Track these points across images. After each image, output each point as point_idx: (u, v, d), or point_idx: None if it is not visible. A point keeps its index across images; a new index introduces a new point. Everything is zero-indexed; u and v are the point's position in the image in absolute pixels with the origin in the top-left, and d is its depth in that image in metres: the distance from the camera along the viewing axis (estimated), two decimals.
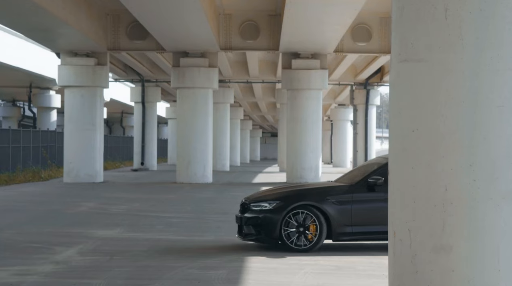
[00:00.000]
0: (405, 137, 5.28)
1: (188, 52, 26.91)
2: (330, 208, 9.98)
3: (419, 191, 5.15)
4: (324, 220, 9.93)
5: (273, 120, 71.10)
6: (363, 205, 10.08)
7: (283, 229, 9.90)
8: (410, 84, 5.27)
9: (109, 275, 8.15)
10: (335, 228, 9.95)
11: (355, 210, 10.03)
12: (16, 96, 45.52)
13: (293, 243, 9.90)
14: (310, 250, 9.88)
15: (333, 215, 9.95)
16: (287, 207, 9.94)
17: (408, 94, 5.29)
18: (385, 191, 9.67)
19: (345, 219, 9.98)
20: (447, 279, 4.98)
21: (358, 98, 39.68)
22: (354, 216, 10.00)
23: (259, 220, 10.00)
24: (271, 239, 10.01)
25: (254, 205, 10.21)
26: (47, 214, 15.21)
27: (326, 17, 21.17)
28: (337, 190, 10.27)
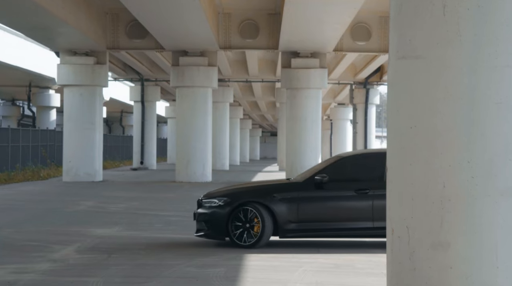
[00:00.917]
0: (403, 135, 5.26)
1: (188, 51, 26.89)
2: (276, 205, 10.09)
3: (417, 188, 5.14)
4: (270, 216, 10.04)
5: (272, 120, 71.11)
6: (309, 202, 10.17)
7: (231, 225, 10.06)
8: (408, 81, 5.25)
9: (106, 273, 8.14)
10: (280, 224, 10.05)
11: (301, 207, 10.12)
12: (15, 95, 45.50)
13: (239, 239, 10.04)
14: (254, 246, 9.99)
15: (279, 212, 10.06)
16: (233, 204, 10.10)
17: (406, 91, 5.27)
18: (332, 189, 10.07)
19: (291, 216, 10.08)
20: (445, 276, 4.96)
21: (357, 97, 39.67)
22: (300, 213, 10.09)
23: (208, 216, 10.18)
24: (219, 235, 10.17)
25: (205, 202, 10.38)
26: (46, 212, 15.19)
27: (325, 16, 21.15)
28: (285, 188, 10.40)
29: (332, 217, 10.13)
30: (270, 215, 10.05)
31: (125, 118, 63.72)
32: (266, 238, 10.05)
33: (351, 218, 10.11)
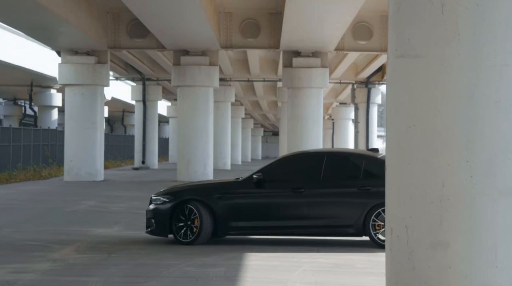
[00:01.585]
0: (402, 134, 5.24)
1: (189, 51, 26.88)
2: (215, 203, 10.28)
3: (416, 187, 5.12)
4: (209, 214, 10.22)
5: (274, 119, 71.08)
6: (247, 200, 10.35)
7: (174, 222, 10.30)
8: (406, 80, 5.23)
9: (106, 273, 8.13)
10: (220, 222, 10.26)
11: (239, 205, 10.31)
12: (17, 94, 45.54)
13: (181, 236, 10.27)
14: (193, 243, 10.19)
15: (217, 210, 10.25)
16: (175, 202, 10.32)
17: (404, 90, 5.25)
18: (269, 188, 10.23)
19: (230, 214, 10.26)
20: (444, 276, 4.95)
21: (359, 97, 39.63)
22: (238, 212, 10.27)
23: (154, 213, 10.41)
24: (163, 232, 10.40)
25: (154, 199, 10.60)
26: (46, 212, 15.19)
27: (326, 15, 21.12)
28: (226, 186, 10.60)
29: (268, 215, 10.34)
30: (209, 212, 10.23)
31: (126, 117, 63.74)
32: (204, 235, 10.24)
33: (286, 217, 10.28)
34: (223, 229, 10.30)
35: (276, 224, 10.32)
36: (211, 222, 10.23)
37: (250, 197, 10.38)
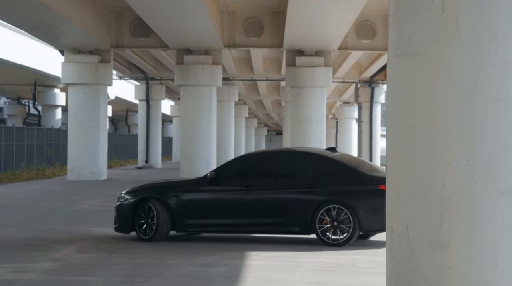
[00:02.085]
0: (402, 133, 5.21)
1: (192, 50, 26.85)
2: (172, 201, 10.51)
3: (416, 186, 5.08)
4: (166, 212, 10.44)
5: (278, 118, 71.04)
6: (201, 198, 10.58)
7: (136, 219, 10.57)
8: (407, 78, 5.20)
9: (107, 273, 8.11)
10: (176, 220, 10.48)
11: (194, 203, 10.53)
12: (21, 94, 45.58)
13: (142, 232, 10.52)
14: (152, 240, 10.41)
15: (174, 208, 10.47)
16: (136, 200, 10.62)
17: (404, 89, 5.22)
18: (222, 186, 10.57)
19: (186, 211, 10.49)
20: (444, 276, 4.91)
21: (363, 96, 39.57)
22: (193, 209, 10.51)
23: (118, 210, 10.76)
24: (126, 229, 10.69)
25: (120, 197, 10.93)
26: (49, 211, 15.18)
27: (329, 14, 21.08)
28: (183, 184, 10.88)
29: (220, 213, 10.54)
30: (166, 210, 10.44)
31: (130, 117, 63.77)
32: (161, 232, 10.45)
33: (238, 214, 10.44)
34: (180, 226, 10.54)
35: (229, 221, 10.50)
36: (168, 219, 10.45)
37: (204, 195, 10.59)
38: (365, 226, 9.96)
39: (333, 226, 9.98)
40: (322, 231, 10.03)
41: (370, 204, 9.90)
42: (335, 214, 9.96)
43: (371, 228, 10.06)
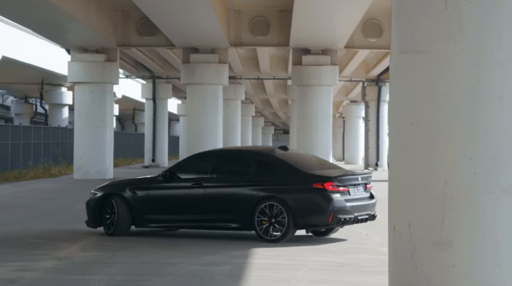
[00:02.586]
0: (405, 130, 5.17)
1: (198, 48, 26.82)
2: (131, 197, 10.91)
3: (419, 184, 5.04)
4: (126, 207, 10.85)
5: (285, 117, 70.96)
6: (156, 195, 10.90)
7: (103, 215, 11.01)
8: (409, 76, 5.16)
9: (110, 271, 8.09)
10: (136, 215, 10.89)
11: (150, 199, 10.88)
12: (28, 93, 45.69)
13: (106, 227, 10.96)
14: (112, 235, 10.82)
15: (133, 204, 10.87)
16: (101, 196, 11.09)
17: (407, 86, 5.18)
18: (175, 183, 10.85)
19: (144, 207, 10.87)
20: (447, 275, 4.87)
21: (369, 94, 39.44)
22: (150, 205, 10.87)
23: (87, 206, 11.25)
24: (95, 224, 11.12)
25: (91, 193, 11.38)
26: (54, 210, 15.18)
27: (335, 12, 21.02)
28: (142, 181, 11.28)
29: (172, 209, 10.88)
30: (125, 206, 10.85)
31: (137, 116, 63.83)
32: (121, 227, 10.85)
33: (187, 210, 10.77)
34: (139, 221, 10.94)
35: (180, 217, 10.83)
36: (128, 215, 10.85)
37: (159, 192, 10.91)
38: (299, 223, 10.15)
39: (271, 223, 10.15)
40: (261, 227, 10.22)
41: (303, 202, 10.10)
42: (272, 211, 10.14)
43: (305, 225, 10.28)
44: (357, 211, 10.26)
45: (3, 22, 31.52)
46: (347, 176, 10.34)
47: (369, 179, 10.76)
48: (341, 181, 10.15)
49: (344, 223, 10.15)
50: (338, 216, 9.95)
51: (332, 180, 10.05)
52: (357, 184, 10.43)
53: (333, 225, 10.16)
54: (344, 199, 10.10)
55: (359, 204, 10.35)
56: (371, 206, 10.63)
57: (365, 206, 10.47)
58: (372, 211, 10.66)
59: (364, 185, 10.61)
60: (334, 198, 9.97)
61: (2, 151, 26.54)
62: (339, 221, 10.03)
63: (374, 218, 10.73)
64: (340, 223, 10.09)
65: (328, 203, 9.92)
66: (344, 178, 10.24)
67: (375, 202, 10.75)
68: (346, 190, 10.18)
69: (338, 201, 9.99)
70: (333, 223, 10.03)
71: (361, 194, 10.50)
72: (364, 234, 11.46)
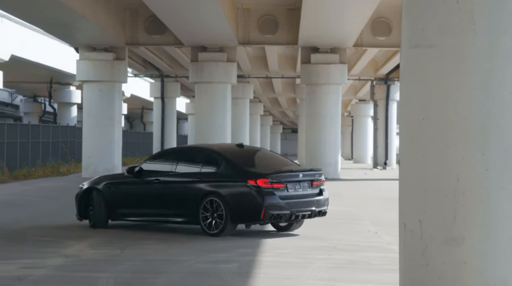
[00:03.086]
0: (416, 126, 5.10)
1: (207, 47, 26.77)
2: (107, 191, 11.53)
3: (430, 181, 4.97)
4: (103, 202, 11.49)
5: (293, 116, 70.87)
6: (127, 189, 11.46)
7: (87, 208, 11.64)
8: (420, 70, 5.09)
9: (117, 269, 8.05)
10: (110, 209, 11.46)
11: (122, 194, 11.45)
12: (37, 92, 45.78)
13: (89, 220, 11.59)
14: (93, 227, 11.47)
15: (108, 198, 11.46)
16: (84, 190, 11.74)
17: (418, 81, 5.11)
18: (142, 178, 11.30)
19: (117, 201, 11.45)
20: (459, 272, 4.79)
21: (378, 93, 39.31)
22: (121, 199, 11.43)
23: (76, 199, 11.90)
24: (81, 216, 11.72)
25: (79, 187, 12.00)
26: (62, 208, 15.17)
27: (345, 10, 20.93)
28: (118, 176, 11.98)
29: (138, 203, 11.39)
30: (102, 200, 11.47)
31: (146, 114, 63.88)
32: (99, 219, 11.49)
33: (149, 205, 11.27)
34: (114, 214, 11.48)
35: (143, 211, 11.36)
36: (104, 208, 11.45)
37: (128, 187, 11.47)
38: (235, 218, 10.43)
39: (213, 218, 10.50)
40: (205, 222, 10.59)
41: (238, 198, 10.38)
42: (213, 206, 10.49)
43: (240, 220, 10.54)
44: (295, 207, 10.42)
45: (12, 21, 31.56)
46: (283, 173, 10.53)
47: (316, 175, 10.88)
48: (276, 177, 10.36)
49: (277, 219, 10.37)
50: (270, 212, 10.18)
51: (266, 177, 10.29)
52: (297, 180, 10.58)
53: (265, 220, 10.37)
54: (278, 195, 10.28)
55: (299, 200, 10.51)
56: (317, 202, 10.74)
57: (307, 202, 10.61)
58: (319, 207, 10.76)
59: (310, 182, 10.74)
60: (266, 194, 10.20)
61: (11, 150, 26.59)
62: (271, 217, 10.25)
63: (321, 214, 10.86)
64: (273, 218, 10.31)
65: (259, 199, 10.17)
66: (280, 175, 10.44)
67: (324, 198, 10.87)
68: (282, 186, 10.36)
69: (270, 197, 10.21)
70: (265, 218, 10.25)
71: (304, 191, 10.62)
72: (373, 232, 11.40)
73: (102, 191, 11.51)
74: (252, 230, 11.32)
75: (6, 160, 25.67)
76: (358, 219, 13.43)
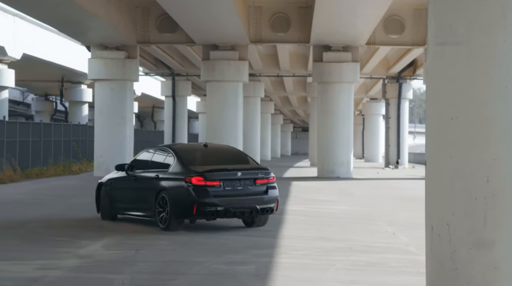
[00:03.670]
0: (443, 125, 4.95)
1: (218, 45, 26.66)
2: (109, 186, 12.41)
3: (458, 182, 4.82)
4: (107, 196, 12.31)
5: (304, 115, 70.68)
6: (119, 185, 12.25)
7: None
8: (448, 68, 4.94)
9: (133, 270, 7.93)
10: (112, 203, 12.28)
11: (117, 189, 12.29)
12: (48, 90, 45.81)
13: None
14: (102, 219, 12.33)
15: (110, 193, 12.33)
16: (97, 185, 12.75)
17: (446, 80, 4.95)
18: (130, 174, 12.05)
19: (115, 196, 12.25)
20: (490, 277, 4.64)
21: (390, 92, 39.12)
22: (117, 194, 12.23)
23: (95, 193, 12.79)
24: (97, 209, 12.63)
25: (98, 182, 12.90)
26: (75, 207, 15.09)
27: (358, 8, 20.77)
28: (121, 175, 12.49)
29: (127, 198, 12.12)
30: (107, 195, 12.31)
31: (156, 113, 63.86)
32: (104, 212, 12.34)
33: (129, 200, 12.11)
34: (115, 209, 12.22)
35: (126, 206, 12.12)
36: (107, 202, 12.26)
37: (121, 183, 12.26)
38: (176, 213, 10.94)
39: (166, 213, 11.05)
40: (159, 217, 11.14)
41: (178, 194, 10.92)
42: (164, 202, 11.06)
43: (180, 215, 10.99)
44: (231, 204, 10.81)
45: (24, 19, 31.56)
46: (219, 171, 10.98)
47: (260, 174, 11.22)
48: (211, 175, 10.84)
49: (210, 215, 10.86)
50: (202, 208, 10.72)
51: (201, 175, 10.80)
52: (236, 178, 10.97)
53: (198, 216, 10.92)
54: (212, 192, 10.73)
55: (236, 198, 10.88)
56: (260, 200, 11.05)
57: (247, 200, 10.95)
58: (263, 205, 11.05)
59: (253, 180, 11.10)
60: (198, 192, 10.72)
61: (23, 148, 26.56)
62: (204, 213, 10.80)
63: (265, 211, 11.14)
64: (205, 214, 10.83)
65: (192, 196, 10.71)
66: (215, 173, 10.92)
67: (270, 196, 11.18)
68: (217, 183, 10.81)
69: (202, 194, 10.71)
70: (198, 214, 10.82)
71: (244, 189, 10.99)
72: (391, 232, 11.24)
73: (106, 186, 12.44)
74: (265, 230, 11.21)
75: (18, 158, 25.64)
76: (372, 219, 13.27)
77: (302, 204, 16.19)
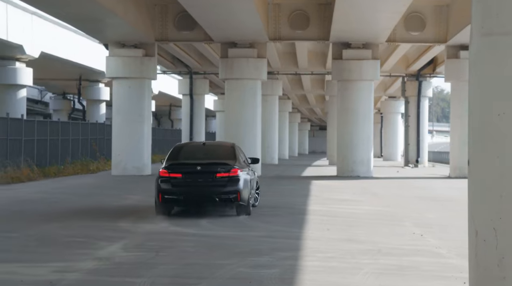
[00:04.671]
0: (489, 122, 4.59)
1: (237, 43, 26.36)
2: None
3: (506, 183, 4.46)
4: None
5: (321, 113, 70.27)
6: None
7: None
8: (494, 60, 4.58)
9: (154, 273, 7.64)
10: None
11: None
12: (66, 89, 45.76)
13: None
14: None
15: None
16: None
17: (492, 73, 4.60)
18: None
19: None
20: None
21: (409, 90, 38.69)
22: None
23: None
24: None
25: None
26: (93, 206, 14.84)
27: (380, 4, 20.38)
28: None
29: None
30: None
31: (173, 112, 63.71)
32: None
33: None
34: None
35: None
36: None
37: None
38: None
39: None
40: None
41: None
42: None
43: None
44: (190, 194, 12.40)
45: (42, 18, 31.44)
46: (181, 165, 12.63)
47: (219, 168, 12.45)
48: (173, 168, 12.53)
49: (171, 202, 12.51)
50: (165, 196, 12.43)
51: (165, 168, 12.56)
52: (196, 171, 12.44)
53: (164, 204, 12.50)
54: (173, 183, 12.43)
55: (196, 188, 12.41)
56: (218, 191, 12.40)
57: (205, 191, 12.42)
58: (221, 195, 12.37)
59: (213, 173, 12.45)
60: (162, 182, 12.49)
61: (41, 147, 26.42)
62: (167, 200, 12.46)
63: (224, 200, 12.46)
64: (168, 202, 12.47)
65: (159, 186, 12.50)
66: (178, 166, 12.59)
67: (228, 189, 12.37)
68: (179, 175, 12.44)
69: (165, 184, 12.46)
70: (163, 202, 12.49)
71: (204, 181, 12.41)
72: (418, 234, 10.87)
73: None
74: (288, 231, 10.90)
75: (36, 157, 25.49)
76: (398, 220, 12.90)
77: (323, 203, 15.86)
